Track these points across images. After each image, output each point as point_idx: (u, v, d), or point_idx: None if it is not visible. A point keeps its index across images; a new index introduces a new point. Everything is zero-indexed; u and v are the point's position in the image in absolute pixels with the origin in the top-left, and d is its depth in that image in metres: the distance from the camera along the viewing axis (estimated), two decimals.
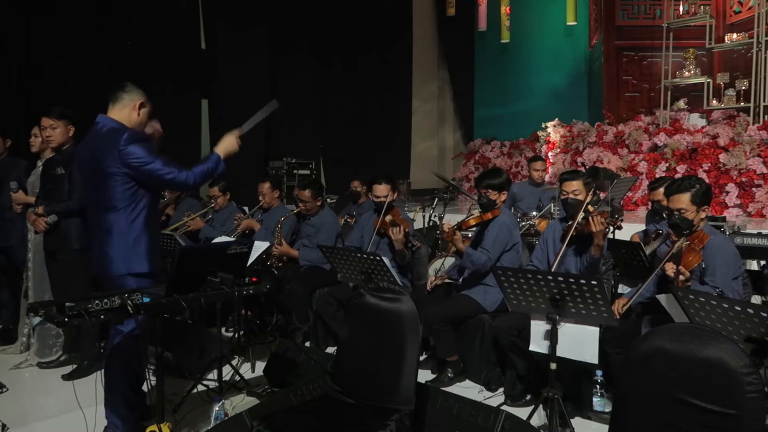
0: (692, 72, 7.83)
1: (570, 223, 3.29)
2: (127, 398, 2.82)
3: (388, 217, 4.09)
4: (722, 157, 6.36)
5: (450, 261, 4.75)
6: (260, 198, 5.13)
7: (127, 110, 2.77)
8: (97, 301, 2.22)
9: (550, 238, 3.56)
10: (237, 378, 3.56)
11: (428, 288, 3.99)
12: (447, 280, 3.99)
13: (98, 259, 2.74)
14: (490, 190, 3.67)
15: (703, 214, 2.92)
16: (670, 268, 2.80)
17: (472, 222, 3.65)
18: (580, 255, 3.38)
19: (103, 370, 2.81)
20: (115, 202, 2.67)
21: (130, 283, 2.67)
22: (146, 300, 2.36)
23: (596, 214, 3.17)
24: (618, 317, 3.03)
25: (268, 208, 5.14)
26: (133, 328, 2.74)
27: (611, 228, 3.24)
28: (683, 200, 2.87)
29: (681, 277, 2.71)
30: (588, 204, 3.29)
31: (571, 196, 3.37)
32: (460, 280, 3.86)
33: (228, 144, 2.92)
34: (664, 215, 3.28)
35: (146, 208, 2.75)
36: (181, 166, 2.74)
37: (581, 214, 3.22)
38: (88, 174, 2.77)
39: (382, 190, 4.14)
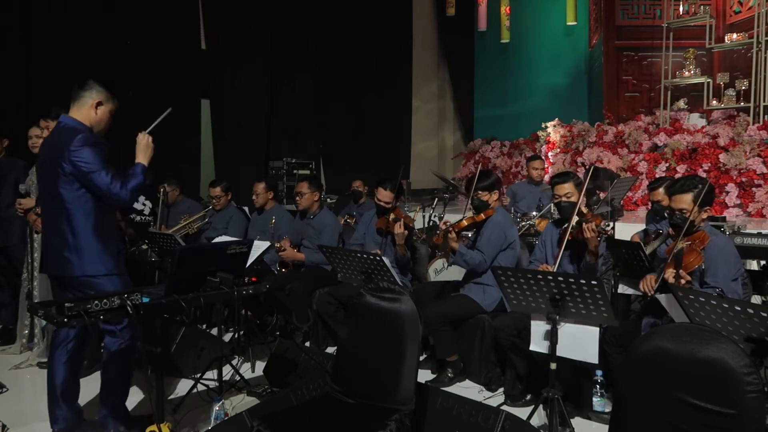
0: (692, 72, 7.83)
1: (565, 226, 3.29)
2: (126, 398, 2.83)
3: (391, 216, 4.12)
4: (722, 157, 6.35)
5: None
6: (254, 197, 5.12)
7: (85, 109, 2.72)
8: (96, 301, 2.22)
9: (548, 240, 3.57)
10: (237, 378, 3.56)
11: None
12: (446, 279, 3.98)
13: (54, 261, 2.69)
14: (480, 192, 3.70)
15: (704, 215, 2.91)
16: (669, 275, 2.78)
17: (465, 223, 3.67)
18: (576, 260, 3.38)
19: (101, 371, 2.82)
20: (68, 203, 2.62)
21: (89, 284, 2.64)
22: (146, 300, 2.36)
23: (591, 219, 3.16)
24: (652, 293, 2.97)
25: (261, 209, 5.14)
26: (126, 327, 2.74)
27: (602, 237, 3.23)
28: (685, 200, 2.86)
29: (682, 281, 2.71)
30: (582, 206, 3.29)
31: (563, 199, 3.38)
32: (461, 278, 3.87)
33: (143, 148, 2.80)
34: (666, 215, 3.27)
35: (97, 209, 2.68)
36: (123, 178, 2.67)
37: (575, 218, 3.21)
38: (46, 173, 2.71)
39: (385, 195, 4.17)
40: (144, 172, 2.74)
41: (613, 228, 3.98)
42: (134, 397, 3.32)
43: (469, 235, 4.09)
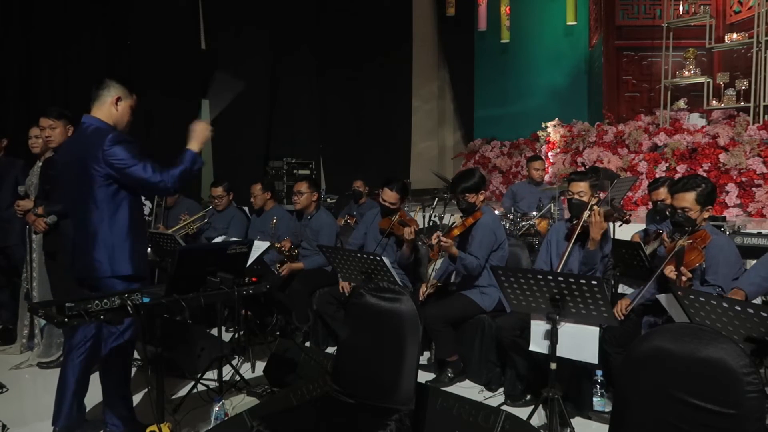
0: (692, 72, 7.82)
1: (575, 222, 3.30)
2: (126, 398, 2.83)
3: (396, 218, 4.11)
4: (722, 157, 6.35)
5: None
6: (252, 199, 5.12)
7: (105, 107, 2.74)
8: (96, 301, 2.22)
9: (554, 240, 3.56)
10: (237, 378, 3.56)
11: (421, 298, 3.76)
12: (438, 284, 3.96)
13: (82, 261, 2.69)
14: (467, 194, 3.66)
15: (706, 214, 2.93)
16: (670, 271, 2.79)
17: (457, 232, 3.65)
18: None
19: (99, 373, 2.82)
20: (99, 203, 2.62)
21: (116, 286, 2.63)
22: (146, 300, 2.36)
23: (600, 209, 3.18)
24: (621, 318, 3.04)
25: (260, 210, 5.14)
26: (127, 328, 2.74)
27: (619, 223, 3.25)
28: (688, 199, 2.88)
29: (683, 278, 2.72)
30: (594, 204, 3.30)
31: (576, 197, 3.38)
32: (453, 279, 3.85)
33: (198, 135, 2.79)
34: (667, 213, 3.28)
35: (130, 209, 2.70)
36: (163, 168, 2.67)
37: (587, 213, 3.23)
38: (73, 174, 2.71)
39: (391, 196, 4.16)
40: (193, 160, 2.72)
41: (630, 214, 3.98)
42: (134, 396, 3.32)
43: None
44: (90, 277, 2.69)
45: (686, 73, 7.86)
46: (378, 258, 3.39)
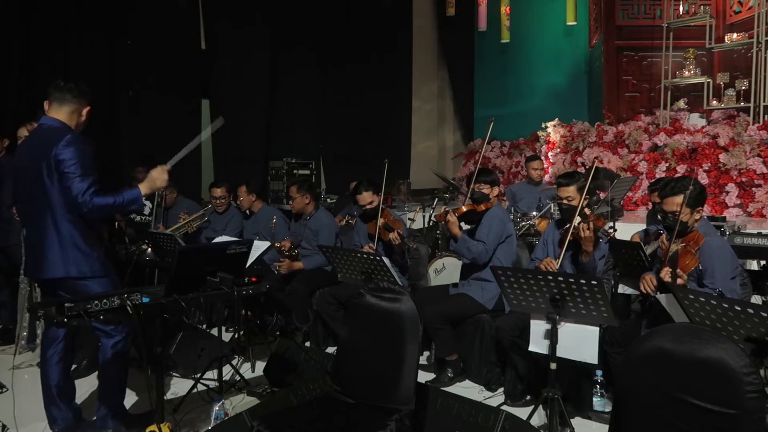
0: (692, 72, 7.82)
1: (566, 227, 3.30)
2: (123, 397, 2.83)
3: (381, 221, 4.08)
4: (722, 157, 6.35)
5: (449, 261, 4.75)
6: (238, 201, 5.12)
7: (69, 111, 2.72)
8: (96, 301, 2.22)
9: (550, 240, 3.57)
10: (237, 378, 3.56)
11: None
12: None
13: (34, 262, 2.67)
14: (482, 184, 3.72)
15: (697, 215, 2.92)
16: (666, 274, 2.79)
17: (465, 209, 3.65)
18: (578, 261, 3.38)
19: (98, 372, 2.83)
20: (51, 203, 2.60)
21: (76, 287, 2.62)
22: (146, 300, 2.36)
23: (591, 220, 3.16)
24: (655, 291, 2.96)
25: (250, 212, 5.14)
26: (120, 327, 2.74)
27: (604, 238, 3.23)
28: (677, 202, 2.87)
29: (680, 281, 2.71)
30: (584, 208, 3.28)
31: (564, 201, 3.38)
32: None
33: (152, 180, 2.75)
34: (659, 217, 3.28)
35: None
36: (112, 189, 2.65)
37: (577, 219, 3.22)
38: (28, 175, 2.68)
39: (365, 198, 4.15)
40: (133, 200, 2.68)
41: (615, 230, 3.99)
42: (134, 396, 3.33)
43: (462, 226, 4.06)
44: (41, 278, 2.67)
45: (686, 73, 7.86)
46: (378, 258, 3.39)
